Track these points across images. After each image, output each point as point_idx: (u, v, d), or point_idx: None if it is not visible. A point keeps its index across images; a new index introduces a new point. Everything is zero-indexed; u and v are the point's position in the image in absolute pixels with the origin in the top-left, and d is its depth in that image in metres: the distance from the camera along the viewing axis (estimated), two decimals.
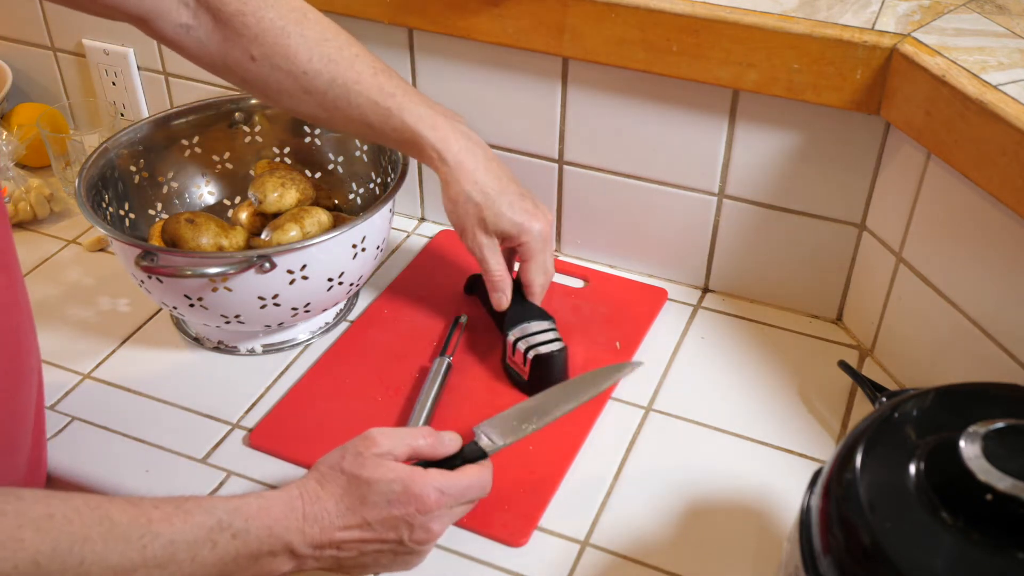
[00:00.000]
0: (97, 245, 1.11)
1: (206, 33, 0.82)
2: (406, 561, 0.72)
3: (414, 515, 0.69)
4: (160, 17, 0.81)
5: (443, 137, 0.85)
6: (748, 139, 0.94)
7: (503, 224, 0.87)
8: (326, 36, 0.85)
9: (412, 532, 0.69)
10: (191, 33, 0.82)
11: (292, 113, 0.92)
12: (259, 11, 0.82)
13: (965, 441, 0.51)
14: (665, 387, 0.93)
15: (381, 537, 0.69)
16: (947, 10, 0.86)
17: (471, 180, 0.86)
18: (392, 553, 0.70)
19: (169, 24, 0.81)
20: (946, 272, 0.84)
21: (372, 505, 0.69)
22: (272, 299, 0.88)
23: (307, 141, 1.07)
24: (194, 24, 0.82)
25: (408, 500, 0.69)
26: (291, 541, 0.67)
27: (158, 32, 0.82)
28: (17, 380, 0.71)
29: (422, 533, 0.70)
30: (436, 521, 0.70)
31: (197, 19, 0.82)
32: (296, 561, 0.67)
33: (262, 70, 0.83)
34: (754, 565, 0.76)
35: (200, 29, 0.82)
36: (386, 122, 0.85)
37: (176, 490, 0.67)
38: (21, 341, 0.71)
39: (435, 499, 0.70)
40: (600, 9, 0.90)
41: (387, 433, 0.72)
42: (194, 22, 0.82)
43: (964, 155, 0.76)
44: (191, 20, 0.82)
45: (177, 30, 0.82)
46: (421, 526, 0.69)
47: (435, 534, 0.71)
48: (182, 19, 0.82)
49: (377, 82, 0.85)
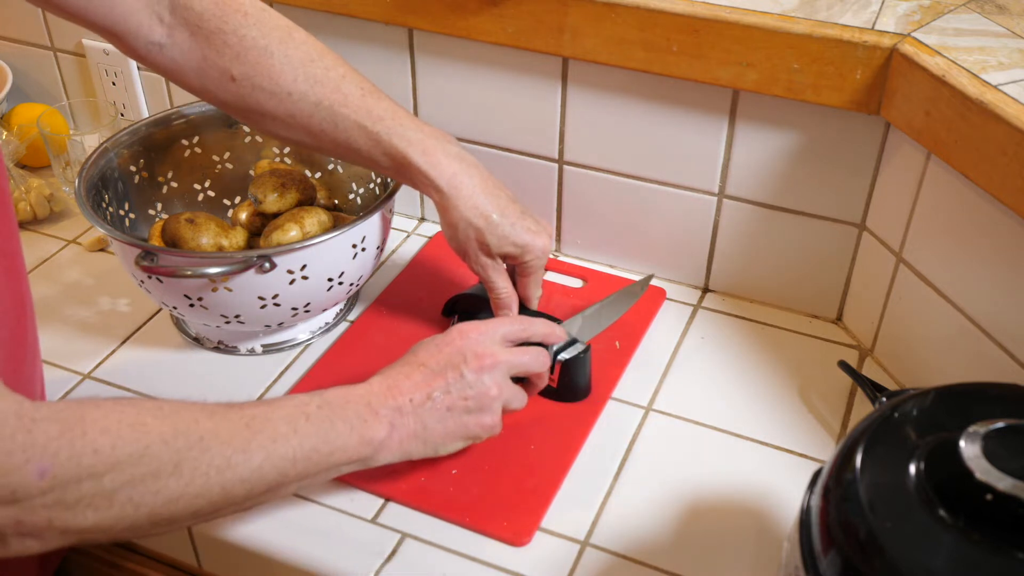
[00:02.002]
0: (97, 245, 1.11)
1: (182, 52, 0.80)
2: (479, 421, 0.76)
3: (461, 345, 0.76)
4: (130, 33, 0.78)
5: (435, 163, 0.83)
6: (748, 139, 0.94)
7: (506, 247, 0.86)
8: (311, 56, 0.82)
9: (466, 362, 0.75)
10: (164, 52, 0.79)
11: (275, 138, 0.88)
12: (240, 29, 0.79)
13: (965, 441, 0.51)
14: (665, 387, 0.93)
15: (443, 376, 0.74)
16: (947, 10, 0.86)
17: (470, 205, 0.84)
18: (463, 400, 0.74)
19: (140, 41, 0.79)
20: (946, 272, 0.84)
21: (424, 351, 0.76)
22: (272, 299, 0.88)
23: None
24: (168, 43, 0.79)
25: (451, 335, 0.77)
26: (370, 402, 0.71)
27: (130, 48, 0.80)
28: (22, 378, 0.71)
29: (475, 361, 0.75)
30: (483, 346, 0.76)
31: (172, 37, 0.79)
32: (384, 425, 0.71)
33: (243, 91, 0.81)
34: (754, 565, 0.76)
35: (175, 48, 0.79)
36: (375, 147, 0.83)
37: None
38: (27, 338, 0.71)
39: (474, 327, 0.77)
40: (600, 9, 0.90)
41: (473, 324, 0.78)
42: (168, 40, 0.79)
43: (964, 155, 0.76)
44: (165, 38, 0.79)
45: (149, 48, 0.79)
46: (472, 352, 0.75)
47: (489, 360, 0.76)
48: (155, 36, 0.79)
49: (365, 104, 0.82)
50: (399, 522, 0.79)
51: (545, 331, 0.83)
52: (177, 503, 0.60)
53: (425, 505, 0.80)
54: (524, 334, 0.81)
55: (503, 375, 0.77)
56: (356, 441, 0.70)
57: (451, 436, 0.75)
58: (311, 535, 0.78)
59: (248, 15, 0.80)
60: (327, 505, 0.81)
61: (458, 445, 0.76)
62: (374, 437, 0.71)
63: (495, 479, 0.82)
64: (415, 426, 0.73)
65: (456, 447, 0.76)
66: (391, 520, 0.80)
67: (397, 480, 0.81)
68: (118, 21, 0.77)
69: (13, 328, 0.69)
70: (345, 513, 0.80)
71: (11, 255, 0.68)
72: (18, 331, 0.70)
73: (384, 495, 0.81)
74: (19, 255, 0.70)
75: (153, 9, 0.78)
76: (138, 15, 0.78)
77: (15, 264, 0.69)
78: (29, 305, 0.72)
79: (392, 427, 0.72)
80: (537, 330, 0.82)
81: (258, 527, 0.79)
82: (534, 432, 0.86)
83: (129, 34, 0.78)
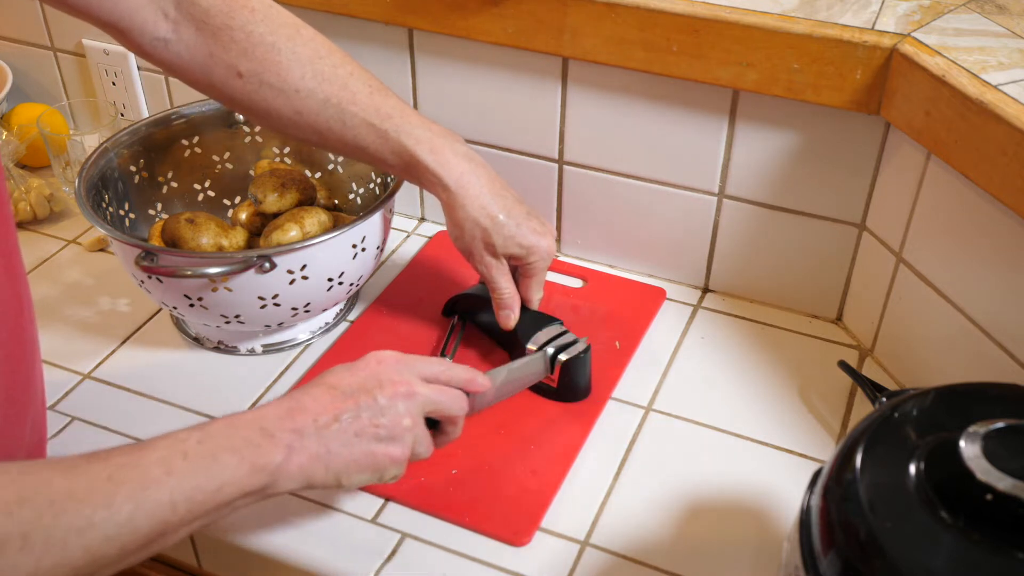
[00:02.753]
0: (97, 245, 1.11)
1: (187, 48, 0.79)
2: (388, 452, 0.70)
3: (377, 370, 0.71)
4: (135, 28, 0.77)
5: (443, 161, 0.82)
6: (748, 139, 0.94)
7: (511, 247, 0.86)
8: (320, 53, 0.81)
9: (381, 387, 0.70)
10: (170, 48, 0.79)
11: (283, 135, 0.86)
12: (248, 25, 0.79)
13: (965, 441, 0.51)
14: (665, 387, 0.93)
15: (354, 398, 0.69)
16: (947, 10, 0.86)
17: (477, 204, 0.83)
18: (373, 426, 0.69)
19: (146, 37, 0.78)
20: (946, 272, 0.84)
21: (334, 375, 0.71)
22: (272, 299, 0.88)
23: None
24: (173, 38, 0.78)
25: (368, 361, 0.72)
26: (263, 426, 0.65)
27: (135, 44, 0.79)
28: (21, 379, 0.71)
29: (391, 387, 0.70)
30: (401, 375, 0.71)
31: (177, 32, 0.78)
32: (280, 449, 0.65)
33: (249, 87, 0.80)
34: (754, 565, 0.76)
35: (180, 43, 0.79)
36: (383, 145, 0.82)
37: None
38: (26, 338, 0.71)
39: (392, 355, 0.72)
40: (600, 9, 0.90)
41: (397, 356, 0.74)
42: (173, 36, 0.78)
43: (964, 155, 0.76)
44: (170, 34, 0.78)
45: (155, 44, 0.78)
46: (388, 379, 0.70)
47: (404, 387, 0.70)
48: (160, 32, 0.78)
49: (373, 102, 0.82)
50: (399, 522, 0.79)
51: (466, 377, 0.76)
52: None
53: (425, 505, 0.80)
54: (444, 376, 0.75)
55: (418, 408, 0.71)
56: (247, 471, 0.63)
57: (356, 464, 0.69)
58: (311, 535, 0.78)
59: (255, 11, 0.80)
60: (327, 505, 0.81)
61: (363, 478, 0.70)
62: (268, 463, 0.64)
63: (495, 479, 0.82)
64: (318, 449, 0.67)
65: (361, 480, 0.70)
66: (391, 520, 0.80)
67: (397, 480, 0.81)
68: (123, 17, 0.77)
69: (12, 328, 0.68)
70: (345, 513, 0.80)
71: (9, 255, 0.68)
72: (17, 331, 0.69)
73: (384, 495, 0.81)
74: (17, 255, 0.70)
75: (158, 4, 0.78)
76: (143, 10, 0.77)
77: (13, 264, 0.69)
78: (28, 305, 0.72)
79: (290, 450, 0.65)
80: (458, 375, 0.76)
81: (258, 527, 0.79)
82: (534, 432, 0.86)
83: (134, 30, 0.78)
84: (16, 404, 0.71)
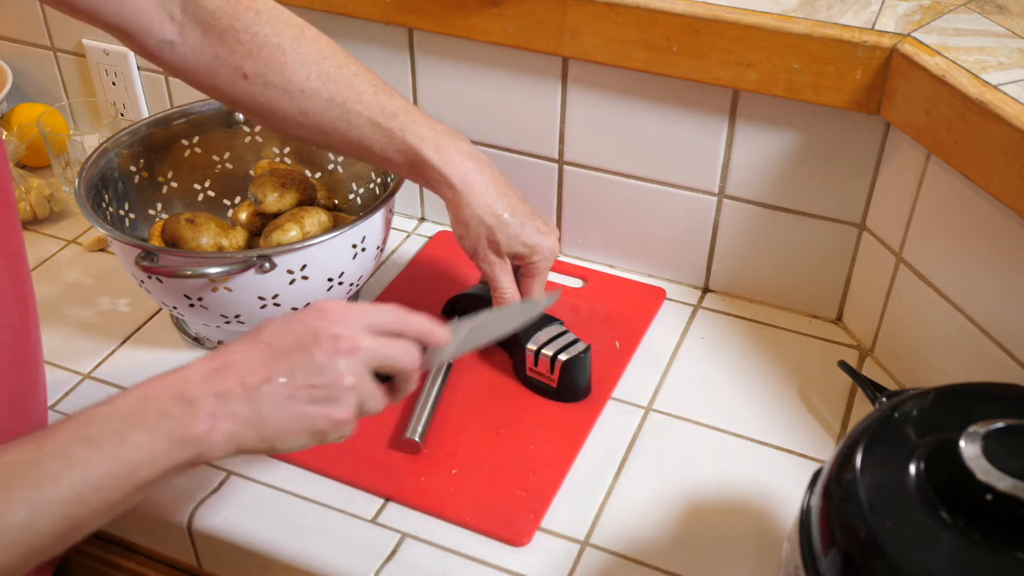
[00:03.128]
0: (97, 245, 1.11)
1: (193, 50, 0.79)
2: (327, 413, 0.63)
3: (315, 324, 0.64)
4: (142, 31, 0.78)
5: (448, 159, 0.82)
6: (748, 139, 0.94)
7: (516, 246, 0.86)
8: (324, 54, 0.82)
9: (319, 343, 0.63)
10: (176, 50, 0.79)
11: (287, 136, 0.86)
12: (253, 26, 0.79)
13: (965, 441, 0.51)
14: (665, 387, 0.93)
15: (287, 357, 0.63)
16: (947, 10, 0.86)
17: (482, 203, 0.83)
18: (308, 388, 0.63)
19: (152, 39, 0.78)
20: (946, 272, 0.84)
21: (269, 328, 0.65)
22: (272, 299, 0.88)
23: None
24: (179, 40, 0.79)
25: (306, 313, 0.65)
26: (182, 392, 0.60)
27: (140, 47, 0.79)
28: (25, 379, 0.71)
29: (329, 344, 0.63)
30: (343, 327, 0.64)
31: (183, 35, 0.79)
32: (203, 417, 0.60)
33: (255, 88, 0.80)
34: (754, 565, 0.76)
35: (186, 46, 0.79)
36: (388, 144, 0.82)
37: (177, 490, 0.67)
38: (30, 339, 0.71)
39: (336, 304, 0.66)
40: (600, 9, 0.90)
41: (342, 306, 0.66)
42: (179, 38, 0.79)
43: (964, 155, 0.76)
44: (176, 36, 0.78)
45: (161, 46, 0.79)
46: (328, 333, 0.63)
47: (347, 343, 0.64)
48: (166, 35, 0.78)
49: (378, 102, 0.82)
50: (399, 522, 0.79)
51: (423, 328, 0.69)
52: None
53: (425, 505, 0.80)
54: (397, 326, 0.68)
55: (362, 364, 0.65)
56: (164, 447, 0.58)
57: (291, 429, 0.63)
58: (311, 535, 0.78)
59: (260, 12, 0.80)
60: (327, 505, 0.81)
61: (301, 442, 0.64)
62: (188, 435, 0.59)
63: (495, 479, 0.82)
64: (247, 413, 0.61)
65: (298, 444, 0.64)
66: (391, 520, 0.80)
67: (397, 480, 0.81)
68: (129, 19, 0.77)
69: (16, 330, 0.69)
70: (345, 513, 0.80)
71: (14, 256, 0.68)
72: (22, 333, 0.69)
73: (384, 495, 0.81)
74: (23, 257, 0.70)
75: (164, 7, 0.78)
76: (149, 13, 0.77)
77: (19, 266, 0.69)
78: (33, 306, 0.72)
79: (214, 418, 0.60)
80: (413, 325, 0.69)
81: (258, 527, 0.79)
82: (534, 432, 0.86)
83: (140, 32, 0.78)
84: (20, 405, 0.71)
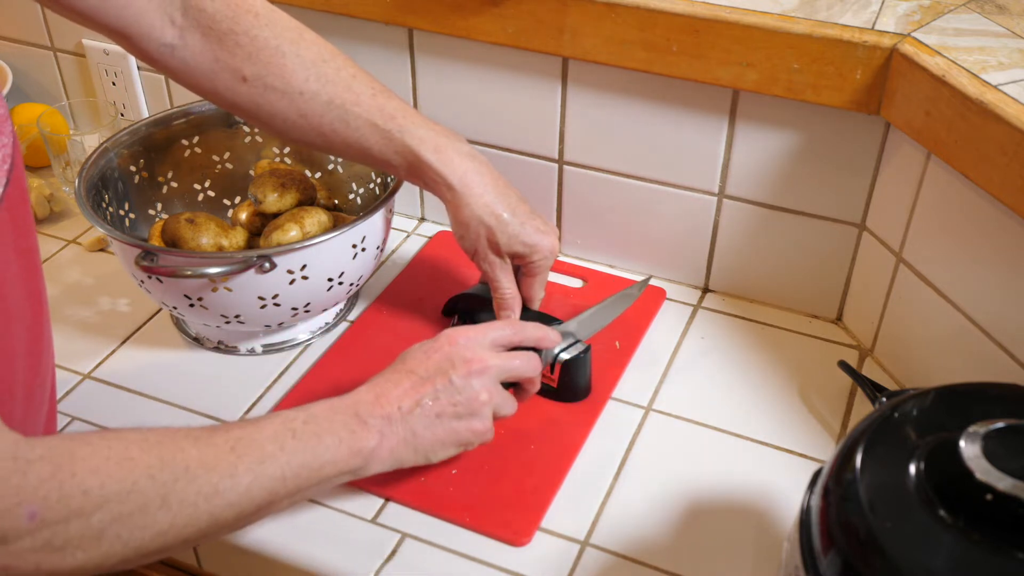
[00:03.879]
0: (97, 245, 1.11)
1: (193, 54, 0.80)
2: (470, 426, 0.75)
3: (449, 351, 0.75)
4: (143, 35, 0.78)
5: (447, 160, 0.83)
6: (748, 139, 0.94)
7: (516, 245, 0.86)
8: (323, 57, 0.82)
9: (455, 367, 0.75)
10: (176, 53, 0.80)
11: (286, 139, 0.88)
12: (252, 30, 0.80)
13: (965, 441, 0.51)
14: (665, 387, 0.93)
15: (431, 382, 0.74)
16: (947, 10, 0.86)
17: (481, 203, 0.84)
18: (452, 406, 0.74)
19: (153, 43, 0.79)
20: (946, 272, 0.84)
21: (412, 359, 0.76)
22: (272, 299, 0.88)
23: None
24: (179, 44, 0.79)
25: (440, 342, 0.77)
26: (358, 412, 0.71)
27: (141, 51, 0.80)
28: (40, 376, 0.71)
29: (463, 367, 0.75)
30: (472, 351, 0.76)
31: (184, 39, 0.79)
32: (373, 435, 0.71)
33: (254, 91, 0.81)
34: (754, 565, 0.76)
35: (187, 49, 0.80)
36: (387, 145, 0.83)
37: None
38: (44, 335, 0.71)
39: (463, 332, 0.77)
40: (600, 9, 0.90)
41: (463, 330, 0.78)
42: (180, 42, 0.79)
43: (964, 155, 0.76)
44: (176, 40, 0.79)
45: (161, 50, 0.79)
46: (461, 358, 0.75)
47: (477, 364, 0.75)
48: (167, 38, 0.79)
49: (377, 103, 0.83)
50: (399, 522, 0.79)
51: (538, 335, 0.82)
52: (166, 535, 0.60)
53: (425, 505, 0.80)
54: (515, 338, 0.80)
55: (493, 380, 0.77)
56: (345, 453, 0.70)
57: (441, 443, 0.75)
58: (311, 535, 0.78)
59: (260, 16, 0.81)
60: (327, 505, 0.81)
61: (450, 452, 0.76)
62: (363, 447, 0.71)
63: (495, 479, 0.82)
64: (405, 433, 0.73)
65: (448, 454, 0.76)
66: (391, 520, 0.80)
67: (397, 480, 0.81)
68: (130, 23, 0.77)
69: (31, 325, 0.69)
70: (345, 513, 0.80)
71: (29, 252, 0.69)
72: (36, 328, 0.70)
73: (384, 495, 0.81)
74: (36, 252, 0.71)
75: (165, 11, 0.79)
76: (150, 17, 0.78)
77: (33, 262, 0.69)
78: (46, 303, 0.73)
79: (382, 436, 0.72)
80: (529, 334, 0.81)
81: (258, 527, 0.79)
82: (534, 432, 0.86)
83: (141, 36, 0.79)
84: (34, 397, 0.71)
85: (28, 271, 0.68)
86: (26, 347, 0.68)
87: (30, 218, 0.69)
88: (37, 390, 0.71)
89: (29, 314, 0.68)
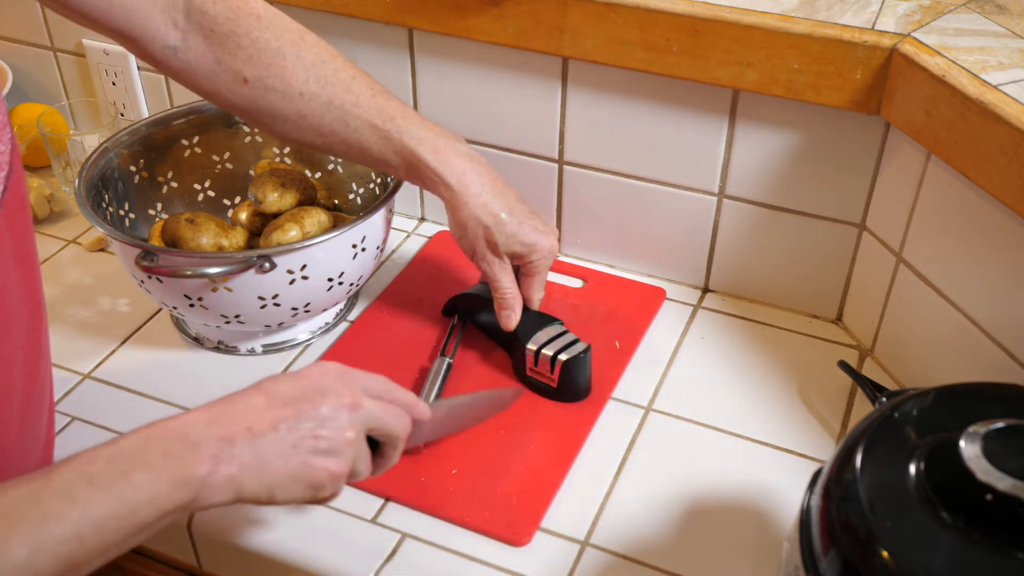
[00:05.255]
0: (97, 245, 1.11)
1: (195, 56, 0.80)
2: (327, 466, 0.64)
3: (320, 380, 0.66)
4: (146, 37, 0.79)
5: (445, 160, 0.84)
6: (748, 139, 0.94)
7: (514, 245, 0.86)
8: (323, 58, 0.83)
9: (324, 397, 0.65)
10: (179, 55, 0.80)
11: (286, 140, 0.88)
12: (253, 31, 0.80)
13: (965, 441, 0.51)
14: (665, 387, 0.93)
15: (294, 406, 0.64)
16: (947, 10, 0.86)
17: (479, 203, 0.84)
18: (312, 437, 0.63)
19: (156, 45, 0.79)
20: (946, 272, 0.84)
21: (273, 382, 0.66)
22: (272, 299, 0.88)
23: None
24: (182, 46, 0.80)
25: (310, 369, 0.67)
26: (186, 434, 0.60)
27: (145, 53, 0.80)
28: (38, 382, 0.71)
29: (335, 398, 0.65)
30: (345, 386, 0.66)
31: (186, 41, 0.80)
32: (205, 459, 0.59)
33: (255, 92, 0.82)
34: (754, 565, 0.76)
35: (189, 51, 0.80)
36: (386, 146, 0.83)
37: None
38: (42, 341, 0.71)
39: (336, 366, 0.68)
40: (600, 9, 0.90)
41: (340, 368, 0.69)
42: (182, 44, 0.80)
43: (964, 155, 0.76)
44: (179, 42, 0.80)
45: (164, 51, 0.80)
46: (332, 390, 0.65)
47: (349, 399, 0.65)
48: (170, 40, 0.80)
49: (376, 104, 0.83)
50: (399, 522, 0.79)
51: (409, 401, 0.72)
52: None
53: (425, 505, 0.80)
54: (387, 394, 0.70)
55: (362, 423, 0.66)
56: (166, 488, 0.58)
57: (292, 478, 0.63)
58: (311, 535, 0.78)
59: (261, 18, 0.81)
60: (327, 505, 0.81)
61: (297, 494, 0.64)
62: (190, 475, 0.59)
63: (495, 479, 0.82)
64: (251, 459, 0.61)
65: (295, 496, 0.64)
66: (391, 520, 0.80)
67: (397, 480, 0.81)
68: (135, 26, 0.78)
69: (30, 331, 0.69)
70: (345, 513, 0.80)
71: (28, 259, 0.69)
72: (35, 334, 0.70)
73: (384, 495, 0.81)
74: (35, 259, 0.71)
75: (169, 14, 0.79)
76: (154, 19, 0.78)
77: (32, 268, 0.69)
78: (44, 310, 0.73)
79: (217, 461, 0.60)
80: (401, 396, 0.71)
81: (258, 527, 0.79)
82: (534, 432, 0.86)
83: (146, 38, 0.79)
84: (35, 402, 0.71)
85: (27, 277, 0.68)
86: (24, 353, 0.68)
87: (29, 225, 0.69)
88: (35, 396, 0.71)
89: (27, 321, 0.68)
